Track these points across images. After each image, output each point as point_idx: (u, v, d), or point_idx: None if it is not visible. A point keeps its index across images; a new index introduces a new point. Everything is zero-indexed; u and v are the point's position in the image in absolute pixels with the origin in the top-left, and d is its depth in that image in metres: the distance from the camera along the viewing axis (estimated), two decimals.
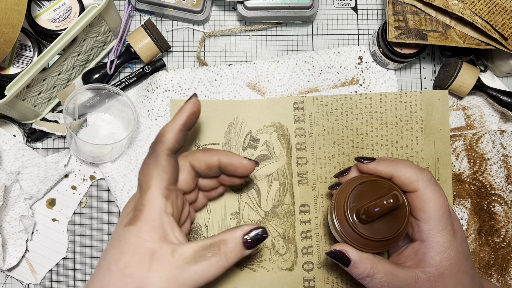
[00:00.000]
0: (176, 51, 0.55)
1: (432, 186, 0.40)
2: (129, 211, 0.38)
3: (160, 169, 0.38)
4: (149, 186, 0.38)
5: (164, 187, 0.38)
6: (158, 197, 0.37)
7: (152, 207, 0.37)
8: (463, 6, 0.48)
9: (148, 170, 0.38)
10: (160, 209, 0.37)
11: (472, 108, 0.55)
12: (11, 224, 0.50)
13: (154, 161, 0.39)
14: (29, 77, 0.45)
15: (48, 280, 0.52)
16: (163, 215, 0.37)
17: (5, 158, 0.51)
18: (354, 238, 0.41)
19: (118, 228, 0.38)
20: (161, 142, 0.39)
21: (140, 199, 0.38)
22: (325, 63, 0.54)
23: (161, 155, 0.39)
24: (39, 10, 0.50)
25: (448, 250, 0.40)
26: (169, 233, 0.37)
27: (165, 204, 0.37)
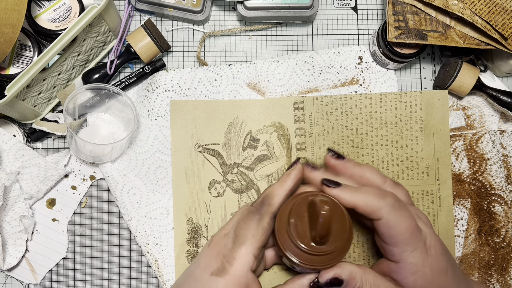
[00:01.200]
0: (176, 51, 0.55)
1: (395, 211, 0.39)
2: (215, 256, 0.41)
3: (260, 230, 0.41)
4: (245, 242, 0.40)
5: (258, 247, 0.40)
6: (250, 256, 0.40)
7: (242, 264, 0.40)
8: (463, 6, 0.48)
9: (250, 226, 0.41)
10: (248, 267, 0.40)
11: (472, 108, 0.55)
12: (11, 224, 0.50)
13: (258, 220, 0.41)
14: (29, 77, 0.45)
15: (48, 280, 0.52)
16: (248, 272, 0.40)
17: (5, 158, 0.51)
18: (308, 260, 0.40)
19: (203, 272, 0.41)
20: (269, 204, 0.41)
21: (232, 251, 0.40)
22: (325, 63, 0.54)
23: (266, 217, 0.41)
24: (39, 10, 0.50)
25: (421, 269, 0.39)
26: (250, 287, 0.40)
27: (253, 262, 0.40)
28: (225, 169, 0.52)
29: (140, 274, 0.53)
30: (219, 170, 0.52)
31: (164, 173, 0.52)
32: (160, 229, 0.52)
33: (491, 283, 0.53)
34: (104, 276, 0.52)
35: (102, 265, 0.52)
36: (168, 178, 0.52)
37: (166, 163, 0.52)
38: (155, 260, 0.52)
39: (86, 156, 0.51)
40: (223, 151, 0.52)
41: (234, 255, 0.40)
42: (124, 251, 0.53)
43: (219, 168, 0.52)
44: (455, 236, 0.53)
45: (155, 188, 0.52)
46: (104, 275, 0.52)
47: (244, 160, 0.52)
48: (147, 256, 0.52)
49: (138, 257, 0.53)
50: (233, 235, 0.41)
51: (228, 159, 0.52)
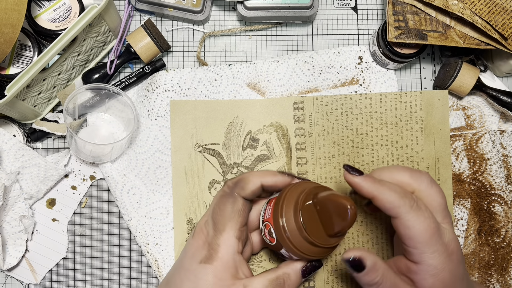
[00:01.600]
0: (176, 51, 0.55)
1: (414, 212, 0.39)
2: (201, 245, 0.42)
3: (236, 213, 0.41)
4: (224, 228, 0.41)
5: (238, 229, 0.41)
6: (233, 239, 0.41)
7: (227, 248, 0.40)
8: (463, 6, 0.48)
9: (225, 211, 0.42)
10: (234, 250, 0.41)
11: (472, 108, 0.55)
12: (11, 224, 0.50)
13: (232, 203, 0.42)
14: (29, 77, 0.45)
15: (48, 280, 0.52)
16: (235, 255, 0.41)
17: (5, 158, 0.51)
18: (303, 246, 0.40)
19: (192, 261, 0.41)
20: (242, 188, 0.42)
21: (215, 238, 0.41)
22: (325, 63, 0.54)
23: (239, 200, 0.42)
24: (39, 10, 0.50)
25: (441, 273, 0.39)
26: (239, 270, 0.41)
27: (237, 245, 0.41)
28: (225, 169, 0.52)
29: (140, 274, 0.53)
30: (219, 170, 0.52)
31: (164, 173, 0.52)
32: (160, 229, 0.52)
33: (491, 283, 0.53)
34: (104, 276, 0.52)
35: (102, 265, 0.52)
36: (168, 178, 0.52)
37: (166, 163, 0.52)
38: (155, 260, 0.52)
39: (86, 156, 0.51)
40: (223, 151, 0.52)
41: (218, 241, 0.41)
42: (124, 251, 0.53)
43: (219, 168, 0.52)
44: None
45: (155, 188, 0.52)
46: (104, 275, 0.52)
47: (244, 160, 0.52)
48: (147, 256, 0.52)
49: (138, 257, 0.53)
50: (211, 222, 0.42)
51: (228, 159, 0.52)
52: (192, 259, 0.42)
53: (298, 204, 0.40)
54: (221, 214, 0.41)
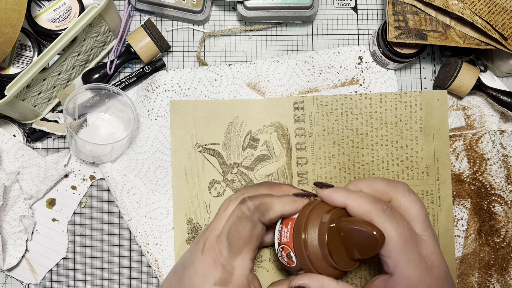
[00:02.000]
0: (176, 51, 0.55)
1: (387, 216, 0.38)
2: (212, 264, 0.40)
3: (254, 238, 0.41)
4: (241, 251, 0.40)
5: (253, 251, 0.41)
6: (248, 262, 0.40)
7: (242, 271, 0.40)
8: (463, 6, 0.48)
9: (243, 235, 0.40)
10: (248, 272, 0.40)
11: (472, 108, 0.55)
12: (11, 224, 0.50)
13: (251, 228, 0.40)
14: (29, 77, 0.45)
15: (48, 280, 0.52)
16: (249, 275, 0.40)
17: (5, 158, 0.51)
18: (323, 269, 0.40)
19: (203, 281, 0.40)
20: (263, 214, 0.41)
21: (230, 260, 0.40)
22: (325, 63, 0.54)
23: (259, 226, 0.41)
24: (39, 10, 0.50)
25: (417, 287, 0.37)
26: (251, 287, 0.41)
27: (251, 265, 0.41)
28: (225, 169, 0.52)
29: (140, 274, 0.53)
30: (219, 170, 0.52)
31: (164, 173, 0.52)
32: (160, 229, 0.52)
33: (491, 283, 0.53)
34: (104, 276, 0.52)
35: (102, 265, 0.52)
36: (168, 178, 0.52)
37: (166, 163, 0.52)
38: (155, 260, 0.52)
39: (86, 156, 0.51)
40: (223, 151, 0.52)
41: (233, 264, 0.40)
42: (124, 251, 0.53)
43: (219, 168, 0.52)
44: (455, 236, 0.53)
45: (155, 188, 0.52)
46: (104, 275, 0.52)
47: (244, 160, 0.52)
48: (147, 256, 0.52)
49: (138, 257, 0.53)
50: (226, 242, 0.40)
51: (228, 159, 0.52)
52: (204, 279, 0.40)
53: (323, 227, 0.39)
54: (238, 237, 0.40)
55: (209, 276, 0.40)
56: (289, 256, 0.41)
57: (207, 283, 0.40)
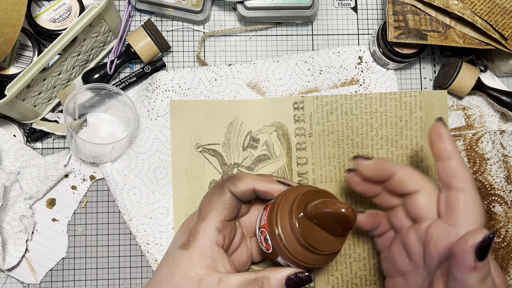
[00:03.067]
0: (176, 51, 0.55)
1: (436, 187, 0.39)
2: (184, 231, 0.41)
3: (221, 204, 0.41)
4: (207, 216, 0.40)
5: (220, 220, 0.40)
6: (212, 229, 0.40)
7: (205, 237, 0.40)
8: (463, 6, 0.48)
9: (211, 200, 0.41)
10: (212, 240, 0.40)
11: (472, 108, 0.55)
12: (11, 224, 0.50)
13: (219, 194, 0.41)
14: (29, 77, 0.45)
15: (48, 280, 0.52)
16: (213, 246, 0.40)
17: (5, 158, 0.51)
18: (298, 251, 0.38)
19: (173, 247, 0.41)
20: (233, 184, 0.41)
21: (196, 225, 0.40)
22: (325, 63, 0.54)
23: (227, 193, 0.41)
24: (39, 10, 0.50)
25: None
26: (218, 263, 0.39)
27: (217, 237, 0.40)
28: (225, 169, 0.52)
29: (140, 274, 0.53)
30: (219, 170, 0.52)
31: (164, 173, 0.52)
32: (160, 229, 0.52)
33: None
34: (104, 276, 0.52)
35: (102, 265, 0.52)
36: (168, 178, 0.52)
37: (166, 163, 0.52)
38: (155, 260, 0.52)
39: (86, 156, 0.51)
40: (223, 151, 0.52)
41: (198, 228, 0.40)
42: (124, 251, 0.53)
43: (219, 168, 0.52)
44: None
45: (155, 188, 0.52)
46: (104, 275, 0.52)
47: (244, 160, 0.52)
48: (147, 256, 0.52)
49: (138, 257, 0.53)
50: (198, 210, 0.42)
51: (228, 159, 0.52)
52: (173, 245, 0.41)
53: (293, 210, 0.38)
54: (207, 203, 0.41)
55: (177, 241, 0.41)
56: (266, 239, 0.40)
57: (175, 247, 0.41)
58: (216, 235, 0.40)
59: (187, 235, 0.40)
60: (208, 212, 0.40)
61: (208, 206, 0.41)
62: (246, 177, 0.41)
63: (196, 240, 0.40)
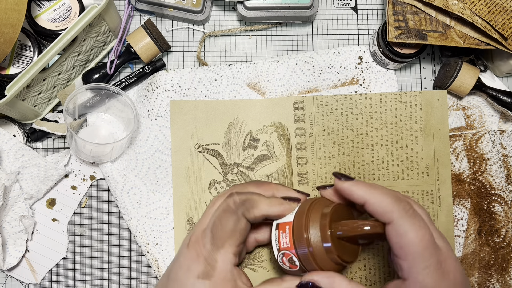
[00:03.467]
0: (176, 51, 0.55)
1: (409, 218, 0.36)
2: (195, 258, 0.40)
3: (238, 232, 0.40)
4: (223, 245, 0.40)
5: (236, 246, 0.41)
6: (230, 256, 0.40)
7: (225, 264, 0.40)
8: (463, 6, 0.48)
9: (226, 228, 0.40)
10: (231, 266, 0.40)
11: (472, 108, 0.55)
12: (11, 224, 0.50)
13: (235, 222, 0.40)
14: (29, 77, 0.45)
15: (48, 280, 0.52)
16: (233, 269, 0.40)
17: (5, 158, 0.51)
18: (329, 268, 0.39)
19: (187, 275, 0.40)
20: (248, 210, 0.41)
21: (213, 253, 0.40)
22: (325, 63, 0.54)
23: (243, 221, 0.41)
24: (39, 10, 0.50)
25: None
26: (238, 282, 0.40)
27: (235, 260, 0.41)
28: (225, 169, 0.52)
29: (140, 274, 0.53)
30: (219, 170, 0.52)
31: (164, 173, 0.52)
32: (160, 229, 0.52)
33: (491, 283, 0.53)
34: (104, 276, 0.52)
35: (102, 265, 0.52)
36: (168, 178, 0.52)
37: (166, 163, 0.52)
38: (155, 260, 0.52)
39: (86, 156, 0.51)
40: (223, 151, 0.52)
41: (215, 257, 0.40)
42: (124, 251, 0.53)
43: (219, 168, 0.52)
44: (455, 236, 0.53)
45: (155, 188, 0.52)
46: (104, 275, 0.52)
47: (244, 160, 0.52)
48: (147, 256, 0.52)
49: (138, 257, 0.53)
50: (210, 235, 0.41)
51: (228, 159, 0.52)
52: (188, 273, 0.40)
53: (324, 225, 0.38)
54: (222, 230, 0.40)
55: (192, 269, 0.40)
56: (291, 261, 0.40)
57: (191, 276, 0.40)
58: (234, 260, 0.40)
59: (204, 264, 0.40)
60: (225, 240, 0.40)
61: (224, 234, 0.40)
62: (259, 202, 0.41)
63: (216, 268, 0.40)
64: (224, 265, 0.40)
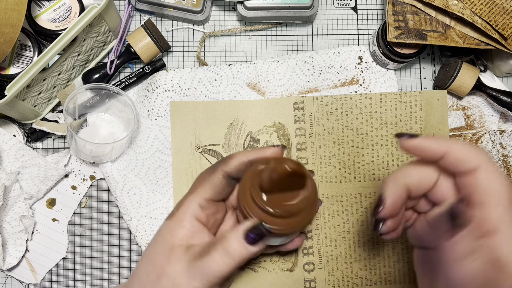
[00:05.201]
0: (176, 51, 0.55)
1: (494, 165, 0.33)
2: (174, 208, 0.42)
3: (209, 183, 0.41)
4: (193, 191, 0.41)
5: (205, 198, 0.40)
6: (195, 204, 0.40)
7: (186, 210, 0.40)
8: (463, 6, 0.48)
9: (201, 178, 0.42)
10: (191, 214, 0.40)
11: (472, 108, 0.55)
12: (11, 224, 0.50)
13: (210, 174, 0.41)
14: (29, 77, 0.45)
15: (48, 280, 0.52)
16: (193, 219, 0.40)
17: (5, 158, 0.51)
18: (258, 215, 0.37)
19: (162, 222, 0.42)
20: (225, 163, 0.41)
21: (183, 199, 0.41)
22: (325, 63, 0.54)
23: (218, 173, 0.41)
24: (39, 10, 0.50)
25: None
26: (195, 236, 0.40)
27: (199, 212, 0.40)
28: None
29: None
30: None
31: (164, 173, 0.52)
32: None
33: None
34: (104, 276, 0.52)
35: (102, 265, 0.52)
36: (168, 178, 0.52)
37: (166, 163, 0.52)
38: None
39: (86, 156, 0.51)
40: (223, 152, 0.52)
41: (183, 202, 0.41)
42: (124, 251, 0.53)
43: None
44: None
45: (155, 188, 0.52)
46: (104, 275, 0.52)
47: None
48: None
49: (138, 257, 0.53)
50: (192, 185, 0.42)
51: None
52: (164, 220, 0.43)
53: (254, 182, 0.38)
54: (198, 179, 0.42)
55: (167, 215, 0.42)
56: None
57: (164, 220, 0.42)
58: (197, 210, 0.40)
59: (175, 208, 0.41)
60: (195, 188, 0.41)
61: (197, 183, 0.41)
62: (237, 153, 0.42)
63: (178, 211, 0.40)
64: (185, 210, 0.40)
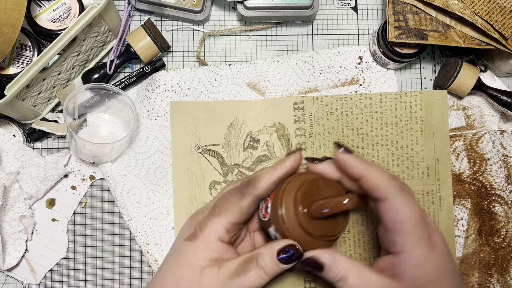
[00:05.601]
0: (176, 51, 0.55)
1: (404, 195, 0.37)
2: (191, 224, 0.41)
3: (238, 208, 0.40)
4: (219, 214, 0.40)
5: (232, 222, 0.40)
6: (221, 228, 0.40)
7: (212, 232, 0.39)
8: (463, 6, 0.48)
9: (228, 201, 0.40)
10: (218, 237, 0.39)
11: (472, 108, 0.55)
12: (10, 224, 0.50)
13: (239, 199, 0.40)
14: (29, 77, 0.45)
15: (48, 280, 0.52)
16: (219, 242, 0.39)
17: (4, 158, 0.51)
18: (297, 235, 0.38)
19: (180, 238, 0.41)
20: (253, 186, 0.40)
21: (206, 219, 0.40)
22: (325, 63, 0.54)
23: (247, 198, 0.40)
24: (39, 10, 0.50)
25: (424, 264, 0.37)
26: (223, 257, 0.40)
27: (225, 235, 0.40)
28: (226, 170, 0.52)
29: (140, 274, 0.53)
30: (219, 171, 0.52)
31: (164, 173, 0.52)
32: (160, 229, 0.52)
33: (491, 283, 0.53)
34: (104, 276, 0.52)
35: (102, 265, 0.52)
36: (168, 178, 0.52)
37: (166, 163, 0.52)
38: (155, 260, 0.52)
39: (86, 156, 0.51)
40: (223, 152, 0.52)
41: (207, 222, 0.40)
42: (124, 251, 0.53)
43: (219, 169, 0.52)
44: (456, 236, 0.53)
45: (155, 188, 0.52)
46: (104, 275, 0.52)
47: (244, 161, 0.52)
48: (147, 256, 0.52)
49: (138, 257, 0.53)
50: (211, 207, 0.41)
51: (229, 159, 0.52)
52: (180, 237, 0.41)
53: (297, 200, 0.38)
54: (223, 202, 0.40)
55: (184, 233, 0.41)
56: (266, 207, 0.40)
57: (180, 239, 0.41)
58: (223, 234, 0.40)
59: (194, 228, 0.40)
60: (222, 211, 0.40)
61: (224, 206, 0.40)
62: (263, 173, 0.41)
63: (203, 232, 0.39)
64: (211, 232, 0.39)
